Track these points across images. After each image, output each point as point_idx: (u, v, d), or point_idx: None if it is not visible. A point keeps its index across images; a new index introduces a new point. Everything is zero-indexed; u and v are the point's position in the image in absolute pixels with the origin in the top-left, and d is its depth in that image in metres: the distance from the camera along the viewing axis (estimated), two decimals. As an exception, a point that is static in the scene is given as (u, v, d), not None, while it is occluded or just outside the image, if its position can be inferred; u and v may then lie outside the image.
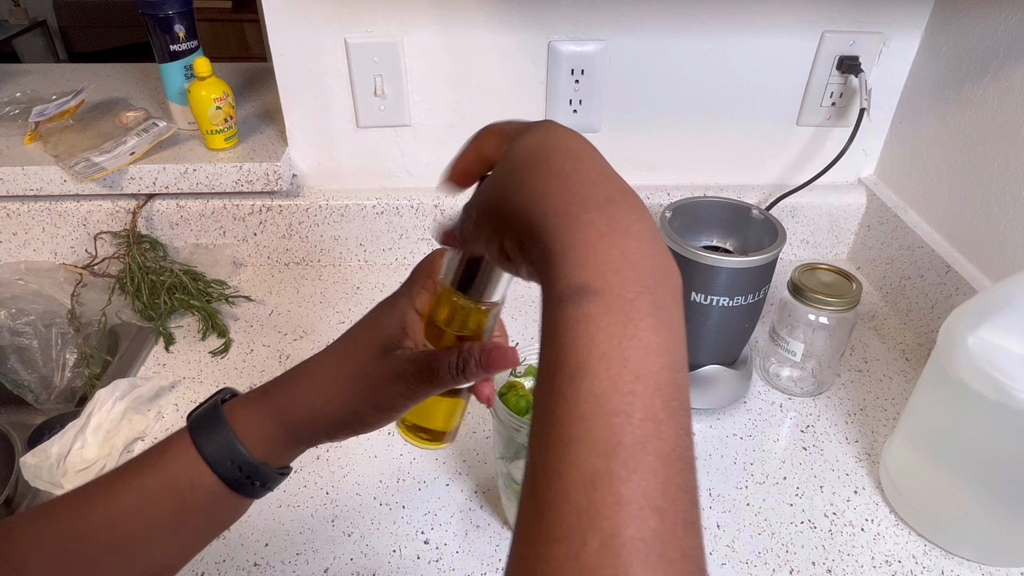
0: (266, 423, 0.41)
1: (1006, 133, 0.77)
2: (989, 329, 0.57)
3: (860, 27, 0.90)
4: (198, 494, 0.40)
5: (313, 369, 0.42)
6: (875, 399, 0.81)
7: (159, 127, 0.97)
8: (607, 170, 0.30)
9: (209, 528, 0.43)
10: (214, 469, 0.39)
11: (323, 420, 0.41)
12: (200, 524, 0.42)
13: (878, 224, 0.98)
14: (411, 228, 1.01)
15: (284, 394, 0.41)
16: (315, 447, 0.44)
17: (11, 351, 0.85)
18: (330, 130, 0.96)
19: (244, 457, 0.40)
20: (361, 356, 0.40)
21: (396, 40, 0.89)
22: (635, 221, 0.28)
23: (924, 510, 0.65)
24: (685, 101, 0.96)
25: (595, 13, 0.88)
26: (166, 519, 0.40)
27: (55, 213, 0.96)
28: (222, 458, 0.39)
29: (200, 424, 0.41)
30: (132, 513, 0.39)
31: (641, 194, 1.06)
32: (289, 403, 0.41)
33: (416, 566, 0.62)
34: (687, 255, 0.69)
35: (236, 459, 0.40)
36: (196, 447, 0.40)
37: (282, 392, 0.41)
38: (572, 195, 0.29)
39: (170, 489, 0.40)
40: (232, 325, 0.91)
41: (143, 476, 0.40)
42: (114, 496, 0.40)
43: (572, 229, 0.28)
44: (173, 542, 0.41)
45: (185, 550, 0.42)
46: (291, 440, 0.41)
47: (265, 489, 0.42)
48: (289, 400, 0.41)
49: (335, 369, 0.41)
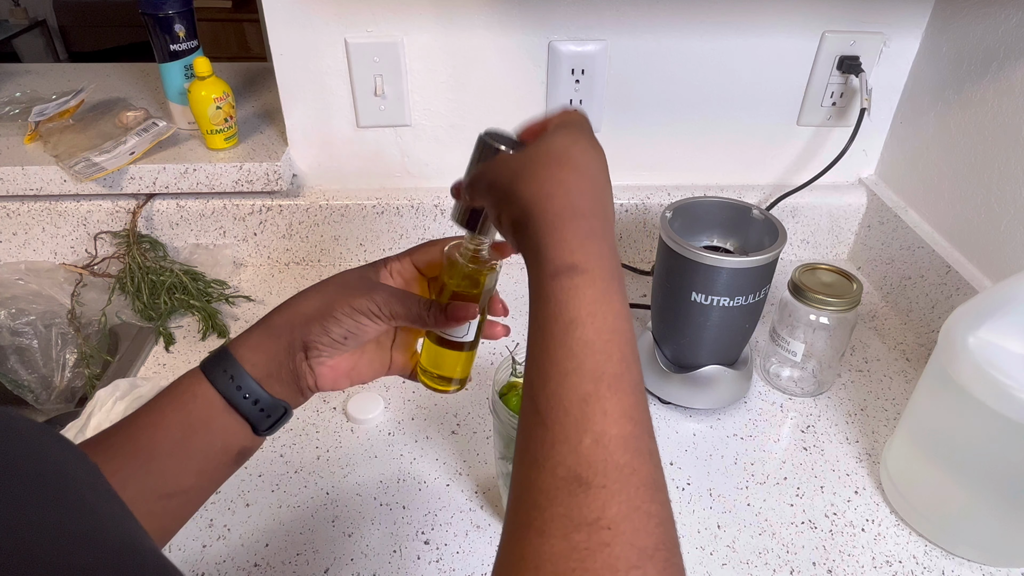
0: (253, 334, 0.48)
1: (1006, 133, 0.77)
2: (989, 329, 0.57)
3: (860, 27, 0.90)
4: (200, 404, 0.46)
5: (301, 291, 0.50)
6: (875, 399, 0.81)
7: (159, 127, 0.97)
8: (598, 187, 0.40)
9: (215, 448, 0.47)
10: (210, 380, 0.46)
11: (299, 315, 0.48)
12: (204, 440, 0.46)
13: (878, 224, 0.98)
14: (411, 228, 1.01)
15: (273, 312, 0.49)
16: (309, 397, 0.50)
17: (11, 351, 0.85)
18: (330, 130, 0.96)
19: (237, 368, 0.46)
20: (345, 278, 0.50)
21: (396, 40, 0.89)
22: (608, 229, 0.40)
23: (925, 510, 0.65)
24: (685, 101, 0.96)
25: (595, 13, 0.88)
26: (176, 430, 0.45)
27: (55, 213, 0.96)
28: (218, 371, 0.46)
29: (208, 357, 0.48)
30: (148, 426, 0.45)
31: (641, 194, 1.07)
32: (275, 313, 0.49)
33: (416, 566, 0.62)
34: (687, 255, 0.69)
35: (229, 369, 0.46)
36: (200, 368, 0.47)
37: (272, 312, 0.49)
38: (568, 203, 0.38)
39: (176, 401, 0.46)
40: (232, 325, 0.91)
41: (159, 398, 0.47)
42: (135, 417, 0.46)
43: (567, 227, 0.38)
44: (184, 456, 0.46)
45: (196, 470, 0.47)
46: (272, 340, 0.47)
47: (260, 412, 0.47)
48: (276, 312, 0.49)
49: (320, 284, 0.50)
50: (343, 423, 0.77)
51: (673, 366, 0.78)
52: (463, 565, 0.62)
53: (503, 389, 0.60)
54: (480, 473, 0.71)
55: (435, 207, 0.99)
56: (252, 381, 0.46)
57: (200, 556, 0.63)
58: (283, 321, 0.48)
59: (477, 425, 0.77)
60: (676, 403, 0.78)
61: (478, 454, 0.73)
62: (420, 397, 0.80)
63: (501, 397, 0.58)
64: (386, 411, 0.78)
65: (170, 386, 0.47)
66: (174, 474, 0.45)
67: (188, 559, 0.63)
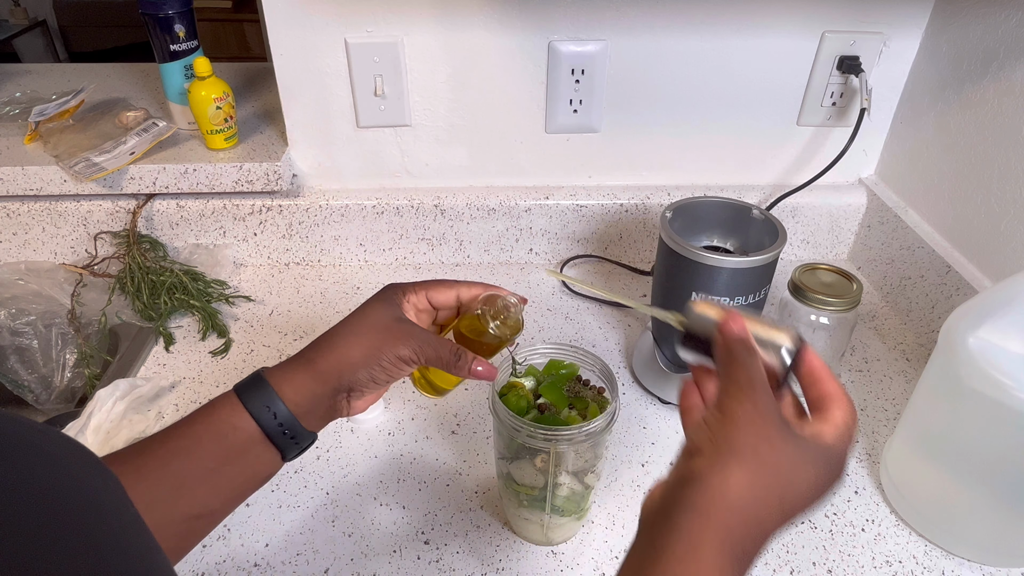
0: (298, 374, 0.50)
1: (1006, 133, 0.77)
2: (990, 329, 0.57)
3: (860, 27, 0.90)
4: (239, 437, 0.47)
5: (339, 330, 0.52)
6: (875, 399, 0.81)
7: (159, 127, 0.97)
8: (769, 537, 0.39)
9: (245, 476, 0.49)
10: (253, 415, 0.47)
11: (348, 363, 0.50)
12: (237, 470, 0.48)
13: (878, 224, 0.98)
14: (411, 228, 1.01)
15: (315, 351, 0.51)
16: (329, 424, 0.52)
17: (11, 351, 0.85)
18: (330, 130, 0.96)
19: (279, 406, 0.48)
20: (381, 318, 0.52)
21: (396, 40, 0.89)
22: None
23: (924, 510, 0.65)
24: (685, 101, 0.96)
25: (595, 13, 0.88)
26: (209, 459, 0.47)
27: (55, 213, 0.96)
28: (260, 406, 0.48)
29: (243, 385, 0.49)
30: (182, 452, 0.46)
31: (641, 194, 1.07)
32: (320, 356, 0.50)
33: (416, 566, 0.62)
34: (687, 255, 0.69)
35: (272, 407, 0.48)
36: (239, 399, 0.48)
37: (313, 350, 0.51)
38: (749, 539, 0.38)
39: (214, 432, 0.47)
40: (232, 325, 0.91)
41: (194, 423, 0.47)
42: (167, 439, 0.47)
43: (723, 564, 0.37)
44: (213, 484, 0.47)
45: (224, 497, 0.49)
46: (320, 385, 0.49)
47: (295, 445, 0.49)
48: (320, 354, 0.50)
49: (359, 326, 0.52)
50: (343, 423, 0.76)
51: (673, 366, 0.78)
52: (463, 565, 0.62)
53: (503, 389, 0.60)
54: (480, 473, 0.71)
55: (435, 207, 0.99)
56: (294, 419, 0.49)
57: (200, 556, 0.63)
58: (330, 367, 0.50)
59: (477, 425, 0.77)
60: (676, 403, 0.78)
61: (478, 454, 0.73)
62: (420, 397, 0.80)
63: (501, 397, 0.58)
64: (386, 411, 0.78)
65: (205, 412, 0.48)
66: (203, 499, 0.47)
67: (188, 559, 0.63)
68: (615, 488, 0.70)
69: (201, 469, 0.46)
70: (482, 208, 0.99)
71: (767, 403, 0.39)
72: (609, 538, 0.65)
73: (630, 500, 0.69)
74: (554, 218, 1.01)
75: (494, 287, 0.56)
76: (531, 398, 0.59)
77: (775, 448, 0.38)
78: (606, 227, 1.02)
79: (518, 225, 1.01)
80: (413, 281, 0.56)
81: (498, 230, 1.01)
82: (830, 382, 0.43)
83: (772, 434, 0.39)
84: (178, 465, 0.46)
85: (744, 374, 0.40)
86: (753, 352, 0.41)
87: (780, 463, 0.38)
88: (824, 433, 0.40)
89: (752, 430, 0.38)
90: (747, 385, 0.40)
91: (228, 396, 0.49)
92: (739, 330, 0.42)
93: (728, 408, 0.40)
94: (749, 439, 0.38)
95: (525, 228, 1.02)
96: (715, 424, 0.40)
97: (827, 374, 0.43)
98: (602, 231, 1.03)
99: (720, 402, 0.40)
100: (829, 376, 0.43)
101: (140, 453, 0.46)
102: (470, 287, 0.56)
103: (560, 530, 0.63)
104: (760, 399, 0.39)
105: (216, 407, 0.48)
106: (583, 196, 1.00)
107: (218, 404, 0.48)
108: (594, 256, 1.04)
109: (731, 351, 0.42)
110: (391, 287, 0.55)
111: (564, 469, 0.58)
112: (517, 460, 0.58)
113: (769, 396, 0.40)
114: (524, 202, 0.99)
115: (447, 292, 0.55)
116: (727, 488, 0.37)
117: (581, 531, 0.66)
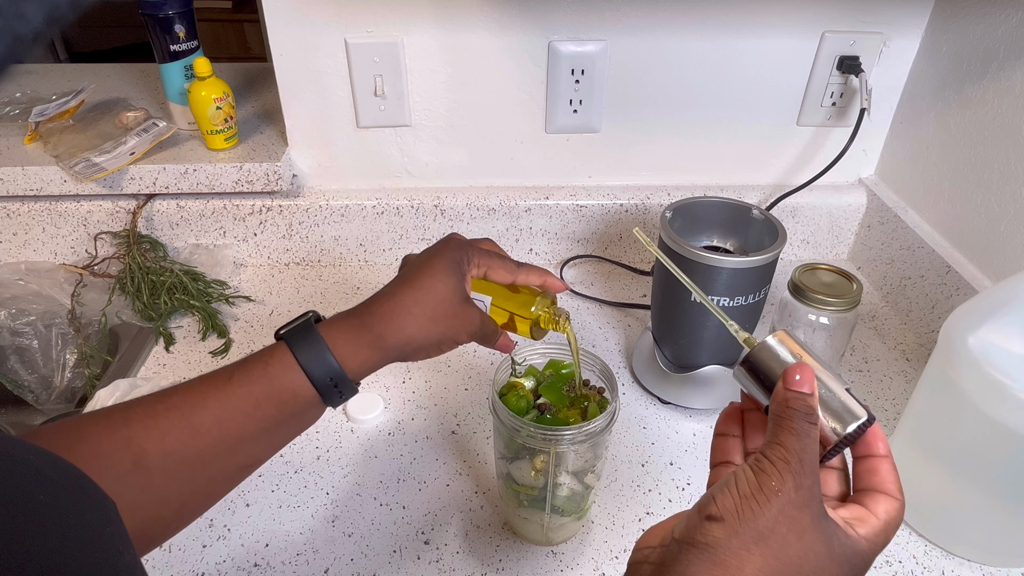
0: (363, 349, 0.49)
1: (1006, 133, 0.77)
2: (989, 329, 0.57)
3: (860, 27, 0.90)
4: (299, 402, 0.47)
5: (409, 304, 0.51)
6: (875, 399, 0.81)
7: (159, 127, 0.97)
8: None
9: (296, 431, 0.50)
10: (315, 384, 0.47)
11: (414, 345, 0.51)
12: (291, 427, 0.49)
13: (878, 224, 0.98)
14: (411, 228, 1.01)
15: (382, 323, 0.50)
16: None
17: (11, 351, 0.85)
18: (330, 130, 0.96)
19: (341, 375, 0.48)
20: (450, 299, 0.51)
21: (396, 40, 0.89)
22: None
23: (924, 510, 0.65)
24: (685, 101, 0.96)
25: (595, 13, 0.88)
26: (268, 422, 0.47)
27: (55, 213, 0.96)
28: (323, 375, 0.47)
29: (297, 342, 0.48)
30: (241, 414, 0.46)
31: (641, 194, 1.07)
32: (389, 333, 0.50)
33: (416, 566, 0.62)
34: (687, 255, 0.69)
35: (334, 376, 0.48)
36: (299, 363, 0.47)
37: (380, 322, 0.50)
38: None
39: (275, 398, 0.47)
40: (232, 325, 0.91)
41: (252, 383, 0.46)
42: (225, 398, 0.46)
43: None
44: (268, 441, 0.48)
45: (275, 448, 0.50)
46: (383, 361, 0.50)
47: (342, 399, 0.50)
48: (389, 330, 0.50)
49: (431, 307, 0.51)
50: (343, 423, 0.77)
51: (673, 366, 0.78)
52: (463, 565, 0.62)
53: (503, 389, 0.60)
54: (480, 473, 0.71)
55: (435, 207, 0.99)
56: (350, 382, 0.49)
57: (200, 556, 0.63)
58: (396, 346, 0.50)
59: (477, 425, 0.77)
60: (676, 403, 0.78)
61: (478, 454, 0.73)
62: (420, 397, 0.80)
63: (501, 397, 0.58)
64: (386, 411, 0.78)
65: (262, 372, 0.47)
66: (257, 454, 0.49)
67: (188, 559, 0.63)
68: (615, 488, 0.70)
69: (258, 430, 0.47)
70: (482, 208, 0.99)
71: (810, 489, 0.34)
72: (609, 538, 0.65)
73: (630, 500, 0.69)
74: (554, 218, 1.01)
75: (550, 275, 0.57)
76: (531, 398, 0.59)
77: (804, 543, 0.34)
78: (606, 227, 1.02)
79: (518, 225, 1.01)
80: (475, 247, 0.55)
81: (498, 230, 1.01)
82: (887, 471, 0.38)
83: (806, 527, 0.34)
84: (236, 427, 0.46)
85: (795, 446, 0.35)
86: (813, 423, 0.36)
87: (805, 560, 0.34)
88: (861, 531, 0.36)
89: (786, 517, 0.34)
90: (795, 461, 0.35)
91: (283, 354, 0.47)
92: (807, 390, 0.37)
93: (766, 482, 0.35)
94: (780, 527, 0.34)
95: (525, 228, 1.02)
96: (747, 493, 0.35)
97: (887, 461, 0.39)
98: (602, 231, 1.03)
99: (760, 467, 0.35)
100: (889, 465, 0.38)
101: (196, 409, 0.45)
102: (528, 275, 0.56)
103: (560, 530, 0.63)
104: (805, 482, 0.34)
105: (272, 368, 0.47)
106: (583, 196, 1.00)
107: (274, 365, 0.47)
108: (594, 256, 1.04)
109: (789, 413, 0.37)
110: (459, 249, 0.54)
111: (564, 469, 0.58)
112: (517, 460, 0.58)
113: (815, 480, 0.35)
114: (524, 202, 0.99)
115: (506, 276, 0.55)
116: (741, 573, 0.33)
117: (581, 531, 0.66)
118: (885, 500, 0.37)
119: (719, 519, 0.34)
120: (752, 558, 0.33)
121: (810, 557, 0.34)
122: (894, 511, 0.37)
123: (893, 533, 0.37)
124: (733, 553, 0.33)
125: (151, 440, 0.43)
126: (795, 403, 0.37)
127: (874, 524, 0.36)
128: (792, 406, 0.37)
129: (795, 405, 0.37)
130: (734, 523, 0.34)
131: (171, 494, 0.45)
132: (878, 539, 0.36)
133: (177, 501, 0.45)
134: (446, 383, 0.82)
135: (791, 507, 0.34)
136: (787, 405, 0.37)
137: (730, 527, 0.34)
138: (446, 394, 0.81)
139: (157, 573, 0.61)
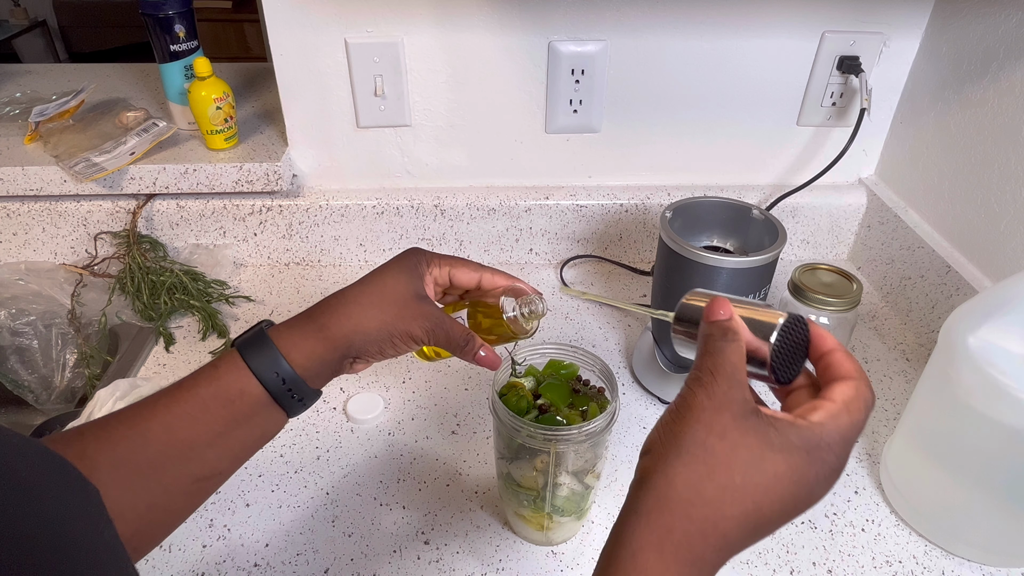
0: (308, 339, 0.49)
1: (1006, 133, 0.77)
2: (989, 329, 0.57)
3: (860, 27, 0.90)
4: (246, 402, 0.47)
5: (355, 295, 0.51)
6: (876, 399, 0.81)
7: (159, 127, 0.97)
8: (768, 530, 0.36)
9: (253, 437, 0.49)
10: (261, 380, 0.47)
11: (361, 334, 0.49)
12: (245, 432, 0.48)
13: (878, 224, 0.98)
14: (411, 228, 1.01)
15: (327, 315, 0.50)
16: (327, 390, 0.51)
17: (11, 351, 0.85)
18: (330, 130, 0.96)
19: (287, 370, 0.47)
20: (401, 292, 0.51)
21: (396, 40, 0.89)
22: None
23: (924, 510, 0.65)
24: (685, 101, 0.96)
25: (595, 13, 0.88)
26: (217, 424, 0.46)
27: (55, 213, 0.96)
28: (268, 371, 0.47)
29: (247, 345, 0.48)
30: (188, 418, 0.46)
31: (641, 194, 1.06)
32: (333, 322, 0.49)
33: (416, 566, 0.62)
34: (687, 255, 0.69)
35: (280, 372, 0.47)
36: (245, 363, 0.47)
37: (325, 314, 0.50)
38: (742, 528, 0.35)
39: (222, 397, 0.46)
40: (232, 325, 0.91)
41: (198, 387, 0.46)
42: (173, 404, 0.46)
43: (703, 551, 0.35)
44: (222, 447, 0.47)
45: (232, 458, 0.49)
46: (330, 352, 0.49)
47: (301, 405, 0.49)
48: (332, 319, 0.49)
49: (378, 297, 0.51)
50: (343, 423, 0.77)
51: (673, 366, 0.78)
52: (463, 565, 0.62)
53: (503, 389, 0.60)
54: (480, 473, 0.71)
55: (435, 207, 0.99)
56: (301, 381, 0.48)
57: (200, 556, 0.63)
58: (342, 334, 0.49)
59: (477, 425, 0.77)
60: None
61: (478, 454, 0.73)
62: (420, 397, 0.80)
63: (501, 397, 0.58)
64: (386, 411, 0.78)
65: (209, 376, 0.47)
66: (212, 462, 0.47)
67: (188, 559, 0.63)
68: (615, 488, 0.70)
69: (209, 434, 0.46)
70: (482, 208, 0.99)
71: (725, 392, 0.35)
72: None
73: (630, 500, 0.69)
74: (554, 218, 1.01)
75: (519, 280, 0.56)
76: (531, 398, 0.59)
77: (728, 441, 0.34)
78: (606, 227, 1.02)
79: (518, 225, 1.01)
80: (438, 253, 0.55)
81: (498, 230, 1.01)
82: (839, 361, 0.38)
83: (726, 426, 0.34)
84: (185, 431, 0.45)
85: (709, 361, 0.36)
86: (729, 337, 0.37)
87: (734, 455, 0.34)
88: (814, 417, 0.35)
89: (701, 424, 0.35)
90: (707, 376, 0.36)
91: (232, 358, 0.48)
92: (721, 315, 0.38)
93: (681, 403, 0.36)
94: (698, 434, 0.34)
95: (525, 228, 1.02)
96: (667, 418, 0.36)
97: (833, 348, 0.38)
98: (602, 231, 1.03)
99: (679, 394, 0.37)
100: (836, 349, 0.38)
101: (145, 418, 0.45)
102: (494, 275, 0.55)
103: (560, 530, 0.63)
104: (716, 388, 0.35)
105: (220, 371, 0.47)
106: (583, 196, 1.00)
107: (222, 367, 0.47)
108: (594, 256, 1.04)
109: (705, 339, 0.38)
110: (416, 254, 0.53)
111: (564, 469, 0.58)
112: (517, 460, 0.58)
113: (731, 384, 0.35)
114: (524, 202, 0.99)
115: (471, 275, 0.54)
116: (670, 488, 0.34)
117: (581, 531, 0.66)
118: (840, 384, 0.37)
119: (647, 452, 0.37)
120: (677, 471, 0.34)
121: (740, 451, 0.34)
122: (850, 391, 0.36)
123: (861, 413, 0.36)
124: (659, 473, 0.35)
125: (102, 451, 0.43)
126: (711, 328, 0.38)
127: (829, 408, 0.36)
128: (708, 332, 0.38)
129: (710, 331, 0.38)
130: (658, 448, 0.36)
131: (125, 507, 0.43)
132: (840, 420, 0.35)
133: (133, 515, 0.44)
134: (446, 383, 0.82)
135: (706, 414, 0.35)
136: (705, 334, 0.38)
137: (656, 453, 0.36)
138: (446, 394, 0.81)
139: (157, 573, 0.61)
